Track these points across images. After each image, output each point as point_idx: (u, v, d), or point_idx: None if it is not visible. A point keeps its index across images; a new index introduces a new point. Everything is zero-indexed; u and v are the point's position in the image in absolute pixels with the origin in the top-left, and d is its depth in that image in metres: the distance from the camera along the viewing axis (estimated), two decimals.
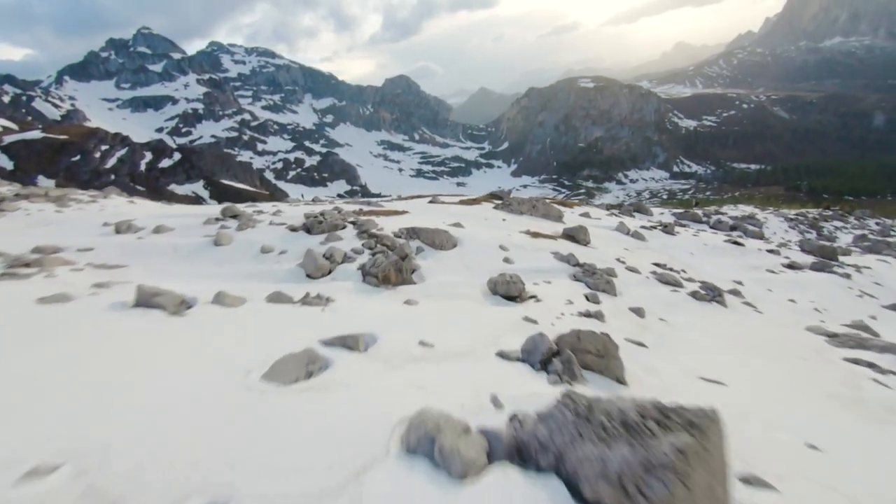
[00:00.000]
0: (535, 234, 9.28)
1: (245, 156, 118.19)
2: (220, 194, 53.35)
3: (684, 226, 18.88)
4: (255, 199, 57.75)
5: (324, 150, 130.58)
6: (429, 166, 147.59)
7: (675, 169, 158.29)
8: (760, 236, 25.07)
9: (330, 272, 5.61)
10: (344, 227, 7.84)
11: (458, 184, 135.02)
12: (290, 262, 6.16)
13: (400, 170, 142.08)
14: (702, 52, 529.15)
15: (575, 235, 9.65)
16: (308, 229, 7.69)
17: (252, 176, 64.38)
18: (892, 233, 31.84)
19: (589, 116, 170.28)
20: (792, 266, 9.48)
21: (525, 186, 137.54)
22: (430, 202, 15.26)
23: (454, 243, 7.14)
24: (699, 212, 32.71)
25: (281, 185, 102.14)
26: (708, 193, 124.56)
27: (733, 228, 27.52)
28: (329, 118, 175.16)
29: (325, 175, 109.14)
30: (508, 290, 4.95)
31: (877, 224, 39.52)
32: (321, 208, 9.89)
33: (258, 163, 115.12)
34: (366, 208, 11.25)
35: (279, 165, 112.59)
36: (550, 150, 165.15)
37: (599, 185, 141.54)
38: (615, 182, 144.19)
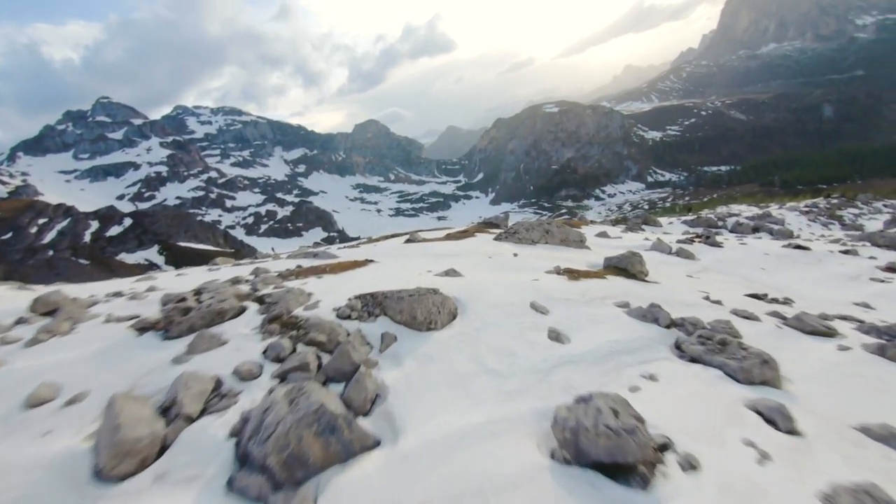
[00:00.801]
0: (572, 273, 6.21)
1: (213, 214, 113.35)
2: (178, 258, 48.24)
3: (709, 236, 15.35)
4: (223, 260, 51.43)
5: (297, 199, 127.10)
6: (407, 204, 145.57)
7: (650, 179, 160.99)
8: (790, 234, 21.59)
9: (157, 457, 2.13)
10: (238, 315, 3.87)
11: (439, 218, 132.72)
12: (78, 426, 2.43)
13: (378, 210, 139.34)
14: (649, 71, 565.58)
15: (627, 267, 6.92)
16: (166, 327, 3.67)
17: (215, 234, 59.52)
18: None
19: (557, 139, 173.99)
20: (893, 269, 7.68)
21: (506, 213, 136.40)
22: (408, 241, 11.09)
23: (452, 313, 3.73)
24: (712, 216, 29.35)
25: (252, 240, 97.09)
26: (687, 198, 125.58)
27: (755, 230, 24.05)
28: (301, 168, 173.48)
29: (300, 224, 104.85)
30: (612, 451, 1.72)
31: (885, 206, 37.34)
32: (217, 276, 5.67)
33: (228, 220, 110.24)
34: (306, 263, 7.01)
35: (250, 220, 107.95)
36: (525, 175, 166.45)
37: (579, 203, 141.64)
38: (594, 198, 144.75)
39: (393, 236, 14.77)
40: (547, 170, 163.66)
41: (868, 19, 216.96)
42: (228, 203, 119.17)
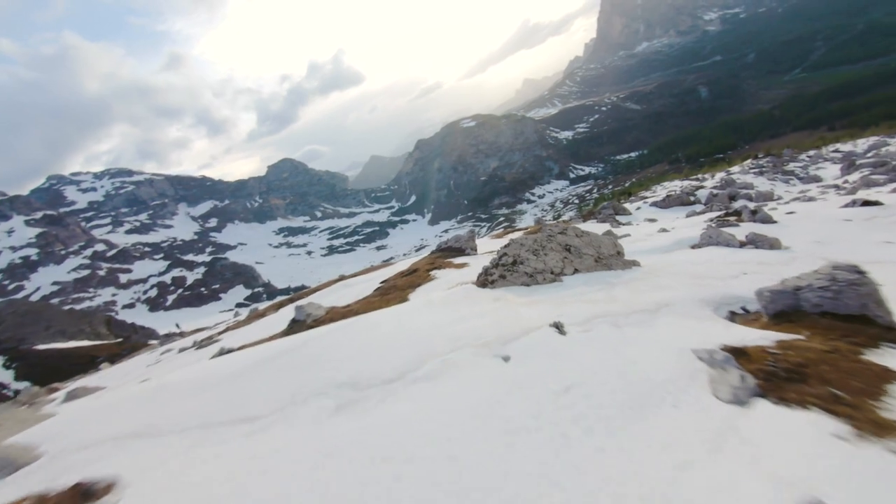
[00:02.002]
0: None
1: (105, 294, 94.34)
2: (31, 369, 35.65)
3: (755, 211, 11.10)
4: (94, 360, 39.84)
5: (209, 258, 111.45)
6: (340, 240, 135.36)
7: (572, 175, 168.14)
8: (771, 196, 19.11)
9: None
10: None
11: (378, 247, 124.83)
12: None
13: (308, 253, 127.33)
14: (545, 82, 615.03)
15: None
16: None
17: (93, 323, 46.51)
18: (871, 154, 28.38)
19: (480, 151, 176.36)
20: None
21: (446, 231, 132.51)
22: (292, 326, 4.87)
23: None
24: (677, 191, 25.60)
25: (156, 317, 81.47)
26: (610, 186, 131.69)
27: (731, 198, 21.30)
28: (212, 222, 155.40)
29: (216, 287, 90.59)
30: None
31: (808, 158, 37.54)
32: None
33: (124, 298, 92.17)
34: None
35: (153, 293, 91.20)
36: (456, 190, 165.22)
37: (513, 209, 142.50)
38: (526, 202, 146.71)
39: (289, 299, 8.33)
40: (476, 182, 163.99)
41: (713, 15, 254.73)
42: (123, 277, 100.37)
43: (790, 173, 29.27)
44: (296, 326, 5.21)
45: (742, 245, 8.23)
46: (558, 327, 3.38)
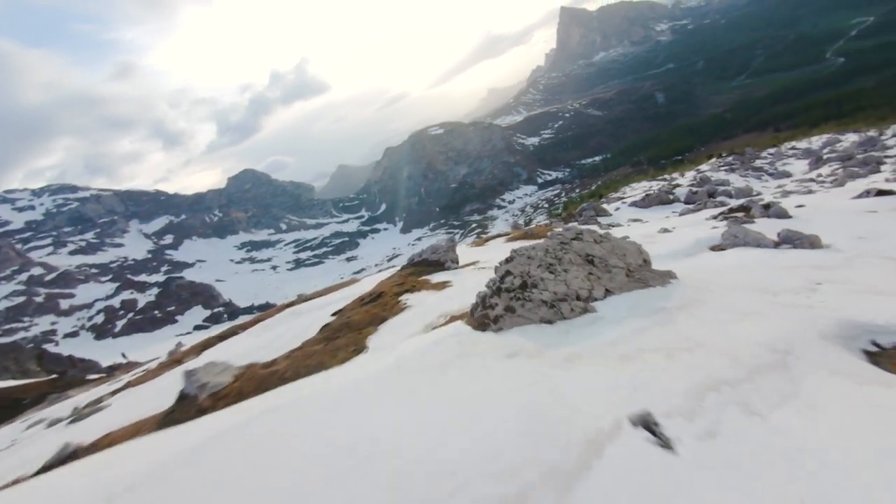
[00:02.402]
0: None
1: (43, 323, 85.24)
2: None
3: (769, 205, 9.90)
4: (19, 402, 34.34)
5: (164, 277, 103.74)
6: (307, 252, 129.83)
7: (540, 180, 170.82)
8: (749, 192, 18.66)
9: None
10: None
11: (348, 259, 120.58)
12: None
13: (273, 267, 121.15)
14: (509, 91, 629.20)
15: None
16: None
17: (21, 359, 40.74)
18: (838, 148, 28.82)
19: (449, 158, 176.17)
20: None
21: (419, 239, 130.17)
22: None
23: None
24: (655, 191, 24.95)
25: (103, 346, 74.30)
26: (577, 190, 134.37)
27: (710, 195, 20.86)
28: (167, 239, 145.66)
29: (171, 308, 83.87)
30: None
31: (770, 155, 38.49)
32: None
33: (65, 326, 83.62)
34: None
35: (99, 319, 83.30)
36: (428, 198, 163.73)
37: (484, 215, 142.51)
38: (497, 208, 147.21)
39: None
40: (447, 189, 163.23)
41: (663, 26, 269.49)
42: (65, 303, 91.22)
43: (759, 170, 29.56)
44: (181, 407, 3.15)
45: (777, 245, 6.85)
46: (653, 431, 1.73)
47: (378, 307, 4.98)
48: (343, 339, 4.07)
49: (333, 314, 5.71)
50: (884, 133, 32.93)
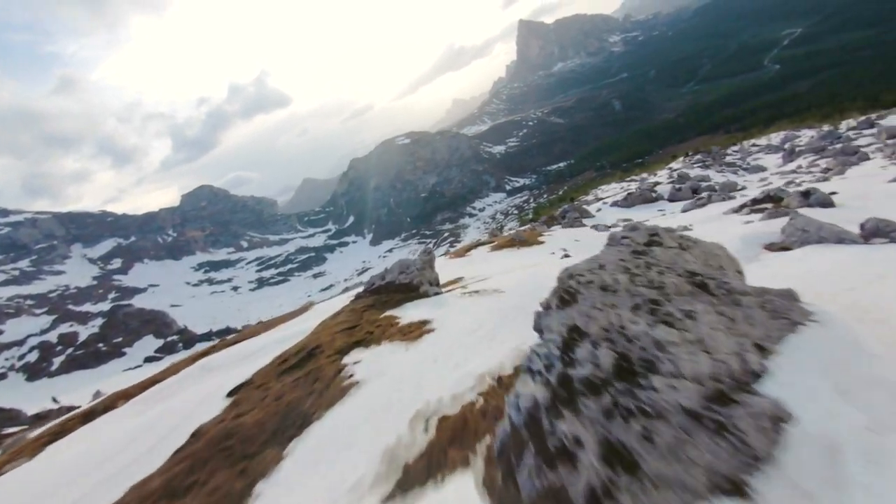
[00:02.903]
0: None
1: None
2: None
3: (809, 192, 8.05)
4: None
5: (110, 305, 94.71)
6: (271, 270, 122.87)
7: (508, 187, 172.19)
8: (734, 187, 17.69)
9: None
10: None
11: (315, 275, 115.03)
12: None
13: (234, 288, 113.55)
14: (473, 101, 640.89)
15: None
16: None
17: None
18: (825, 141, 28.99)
19: (418, 168, 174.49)
20: None
21: (390, 251, 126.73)
22: None
23: None
24: (649, 192, 24.03)
25: (35, 387, 65.95)
26: (545, 196, 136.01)
27: (694, 191, 19.83)
28: (115, 263, 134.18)
29: (118, 340, 76.02)
30: None
31: (736, 153, 39.00)
32: None
33: None
34: None
35: (32, 357, 74.16)
36: (398, 208, 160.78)
37: (456, 223, 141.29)
38: (468, 216, 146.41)
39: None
40: (417, 199, 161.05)
41: (616, 38, 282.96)
42: None
43: (732, 165, 29.36)
44: None
45: (865, 239, 5.09)
46: None
47: (298, 389, 2.58)
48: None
49: (229, 394, 3.25)
50: (839, 127, 33.83)
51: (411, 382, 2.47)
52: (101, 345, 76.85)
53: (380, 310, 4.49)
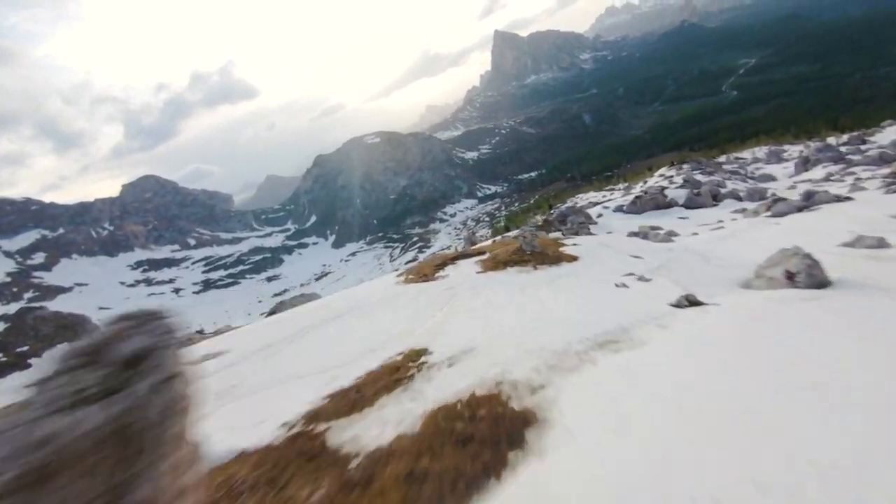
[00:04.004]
0: None
1: None
2: None
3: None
4: None
5: (18, 308, 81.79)
6: (220, 271, 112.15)
7: (479, 194, 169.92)
8: (763, 194, 13.76)
9: None
10: None
11: (269, 278, 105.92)
12: None
13: (176, 290, 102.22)
14: (447, 109, 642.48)
15: None
16: None
17: None
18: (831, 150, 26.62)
19: (388, 169, 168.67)
20: None
21: (354, 254, 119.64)
22: None
23: None
24: (662, 197, 20.83)
25: None
26: (516, 203, 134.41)
27: (714, 196, 15.59)
28: (37, 258, 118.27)
29: (23, 349, 64.75)
30: None
31: (725, 163, 36.94)
32: None
33: None
34: None
35: None
36: (365, 209, 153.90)
37: (426, 228, 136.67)
38: (439, 221, 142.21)
39: None
40: (386, 201, 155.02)
41: (586, 55, 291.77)
42: None
43: (736, 173, 26.69)
44: None
45: None
46: None
47: None
48: None
49: None
50: (835, 142, 32.37)
51: None
52: (1, 354, 65.12)
53: None
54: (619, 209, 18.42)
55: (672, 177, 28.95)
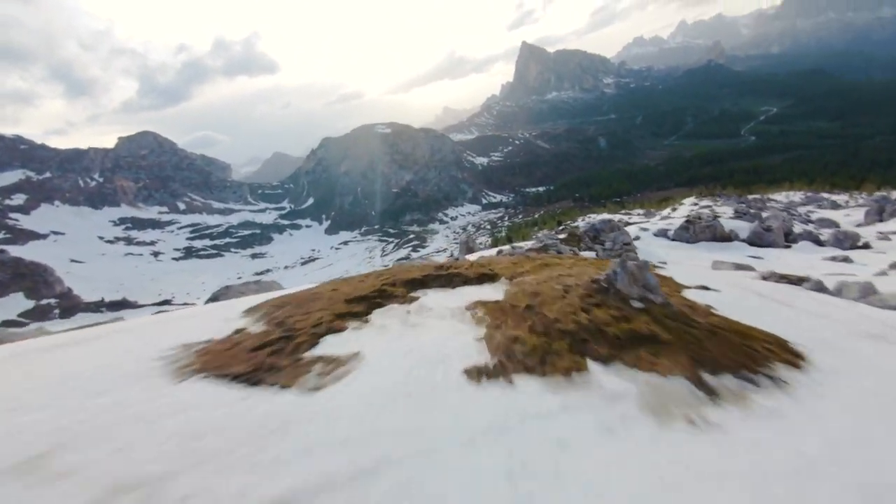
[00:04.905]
0: None
1: None
2: None
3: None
4: None
5: None
6: (205, 241, 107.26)
7: (484, 201, 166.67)
8: (856, 239, 12.48)
9: None
10: None
11: (254, 255, 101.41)
12: None
13: (155, 254, 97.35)
14: (464, 112, 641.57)
15: None
16: None
17: None
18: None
19: (394, 161, 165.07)
20: None
21: (346, 243, 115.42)
22: None
23: None
24: (721, 228, 16.95)
25: None
26: (520, 216, 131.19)
27: (787, 234, 11.59)
28: (17, 199, 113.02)
29: None
30: None
31: (770, 201, 33.66)
32: None
33: None
34: None
35: None
36: (364, 199, 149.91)
37: (424, 227, 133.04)
38: (439, 222, 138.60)
39: None
40: (388, 193, 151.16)
41: (610, 80, 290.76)
42: None
43: (792, 215, 23.35)
44: None
45: None
46: None
47: None
48: None
49: None
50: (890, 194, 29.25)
51: None
52: None
53: None
54: (661, 234, 14.85)
55: (710, 206, 25.45)
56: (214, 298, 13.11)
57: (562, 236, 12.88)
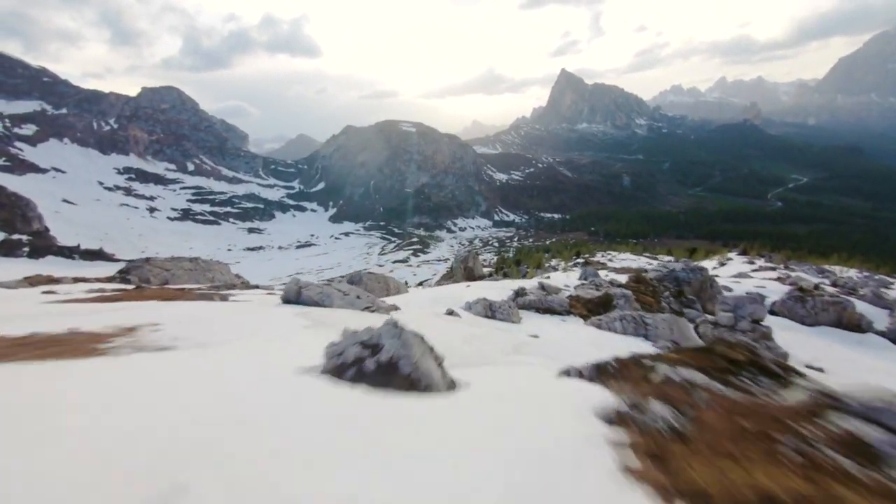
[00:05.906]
0: None
1: None
2: None
3: None
4: None
5: None
6: (204, 206, 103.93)
7: (496, 217, 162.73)
8: None
9: None
10: None
11: (252, 230, 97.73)
12: None
13: (151, 210, 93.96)
14: (491, 129, 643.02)
15: None
16: None
17: None
18: None
19: (413, 160, 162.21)
20: None
21: (347, 234, 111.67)
22: None
23: None
24: (850, 310, 11.80)
25: None
26: (531, 239, 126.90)
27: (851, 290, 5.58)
28: (26, 129, 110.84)
29: None
30: None
31: (818, 271, 29.30)
32: None
33: None
34: None
35: None
36: (375, 193, 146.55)
37: (431, 233, 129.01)
38: (447, 231, 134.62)
39: None
40: (400, 192, 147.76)
41: (642, 121, 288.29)
42: None
43: (855, 287, 18.99)
44: None
45: None
46: None
47: None
48: None
49: None
50: None
51: None
52: None
53: None
54: (752, 300, 10.49)
55: (774, 269, 20.88)
56: (124, 273, 9.21)
57: (622, 279, 8.64)
